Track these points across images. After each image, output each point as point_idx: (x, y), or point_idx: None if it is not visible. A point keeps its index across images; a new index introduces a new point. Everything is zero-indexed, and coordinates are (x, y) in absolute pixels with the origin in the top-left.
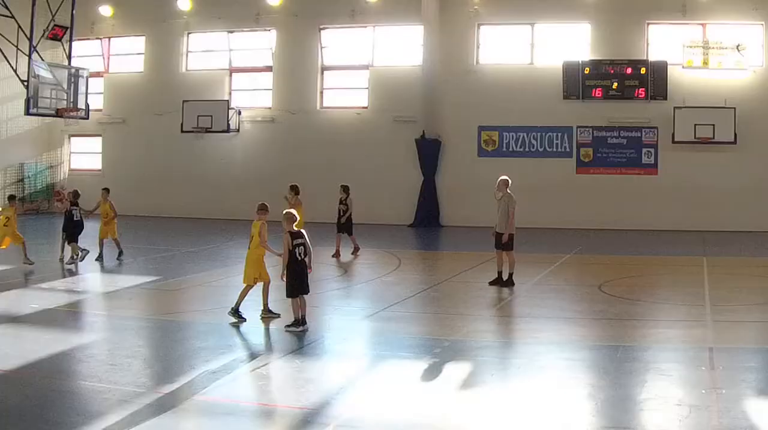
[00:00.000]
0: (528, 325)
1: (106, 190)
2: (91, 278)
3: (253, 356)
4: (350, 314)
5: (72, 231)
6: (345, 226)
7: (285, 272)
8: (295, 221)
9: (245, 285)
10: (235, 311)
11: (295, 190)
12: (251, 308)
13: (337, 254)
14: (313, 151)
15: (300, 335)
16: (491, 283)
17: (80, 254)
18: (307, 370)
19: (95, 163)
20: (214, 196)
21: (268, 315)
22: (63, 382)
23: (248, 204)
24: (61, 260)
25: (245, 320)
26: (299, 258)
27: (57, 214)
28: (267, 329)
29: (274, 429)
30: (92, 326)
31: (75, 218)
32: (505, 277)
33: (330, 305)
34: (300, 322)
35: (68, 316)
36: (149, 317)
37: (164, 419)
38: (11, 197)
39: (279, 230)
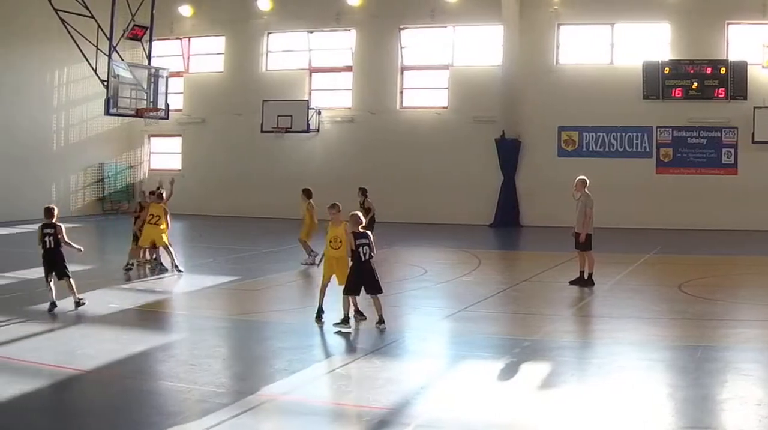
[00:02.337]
0: (607, 325)
1: (152, 193)
2: (170, 278)
3: (333, 356)
4: (430, 313)
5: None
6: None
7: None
8: (361, 223)
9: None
10: (344, 319)
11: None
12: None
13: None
14: (392, 151)
15: (380, 333)
16: (572, 282)
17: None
18: (386, 370)
19: (175, 163)
20: (293, 196)
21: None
22: (143, 382)
23: (328, 204)
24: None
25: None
26: (364, 258)
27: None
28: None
29: (354, 429)
30: (172, 326)
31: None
32: (585, 277)
33: (410, 304)
34: (347, 320)
35: (148, 316)
36: (229, 317)
37: (244, 419)
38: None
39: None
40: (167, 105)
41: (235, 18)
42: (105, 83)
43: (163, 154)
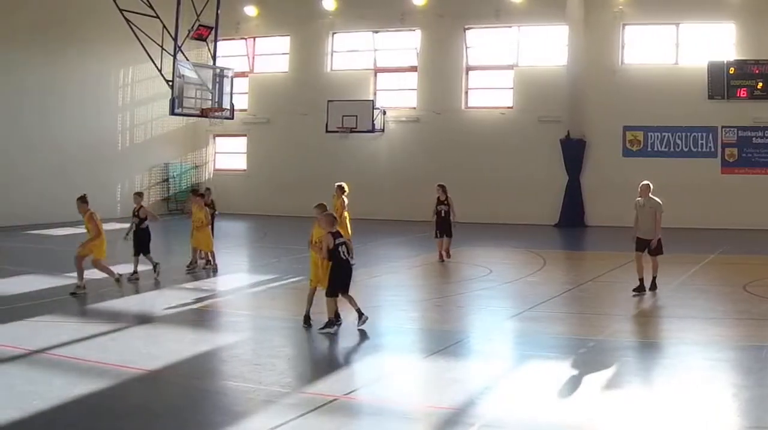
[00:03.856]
0: (672, 325)
1: (201, 195)
2: (233, 278)
3: (397, 356)
4: (495, 313)
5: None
6: (447, 228)
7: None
8: (336, 223)
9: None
10: (329, 322)
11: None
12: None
13: (441, 257)
14: (457, 151)
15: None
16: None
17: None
18: (451, 370)
19: (240, 163)
20: (358, 196)
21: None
22: (207, 382)
23: (394, 204)
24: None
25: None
26: (344, 257)
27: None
28: (411, 330)
29: (418, 429)
30: (235, 326)
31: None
32: (648, 281)
33: (474, 305)
34: (334, 322)
35: (211, 316)
36: (293, 317)
37: (309, 420)
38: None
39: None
40: (232, 105)
41: (300, 18)
42: (170, 83)
43: (228, 154)
